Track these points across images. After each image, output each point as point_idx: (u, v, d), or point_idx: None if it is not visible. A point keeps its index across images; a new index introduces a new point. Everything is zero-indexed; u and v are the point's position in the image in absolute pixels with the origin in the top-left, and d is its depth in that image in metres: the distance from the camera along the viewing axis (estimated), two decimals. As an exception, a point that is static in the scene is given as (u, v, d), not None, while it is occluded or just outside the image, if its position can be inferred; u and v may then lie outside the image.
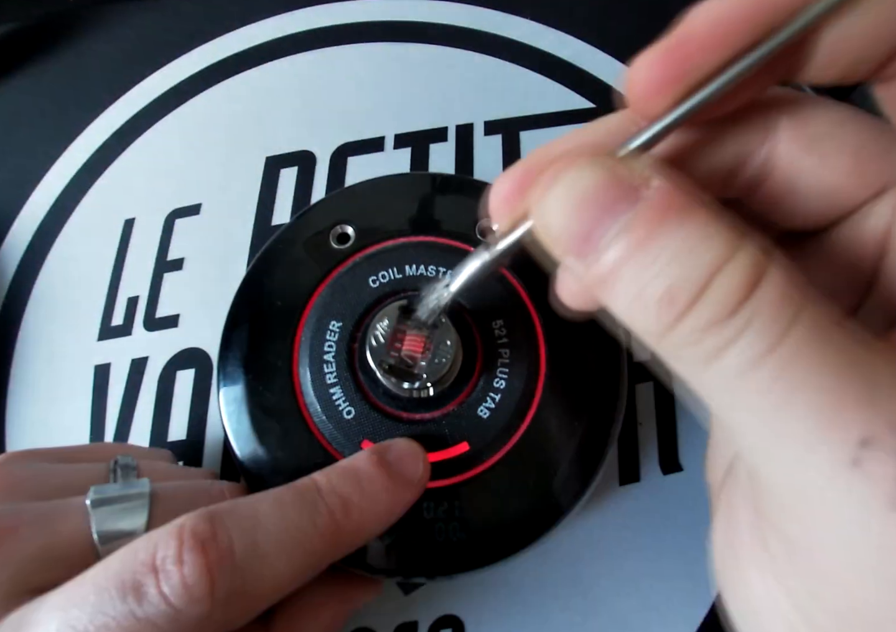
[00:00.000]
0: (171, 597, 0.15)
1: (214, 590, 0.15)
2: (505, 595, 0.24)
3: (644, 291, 0.11)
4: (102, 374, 0.29)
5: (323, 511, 0.17)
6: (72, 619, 0.15)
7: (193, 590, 0.15)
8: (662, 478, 0.26)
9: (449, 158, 0.32)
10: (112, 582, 0.15)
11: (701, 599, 0.24)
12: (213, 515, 0.16)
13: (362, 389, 0.22)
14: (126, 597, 0.15)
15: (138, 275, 0.31)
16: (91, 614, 0.14)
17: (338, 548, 0.18)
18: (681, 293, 0.11)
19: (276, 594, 0.17)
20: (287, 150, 0.33)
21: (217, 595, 0.15)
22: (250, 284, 0.25)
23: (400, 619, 0.24)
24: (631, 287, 0.12)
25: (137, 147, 0.34)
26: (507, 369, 0.22)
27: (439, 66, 0.35)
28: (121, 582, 0.15)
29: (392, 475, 0.19)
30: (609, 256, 0.12)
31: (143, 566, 0.15)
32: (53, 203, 0.33)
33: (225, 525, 0.16)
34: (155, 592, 0.15)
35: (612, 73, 0.34)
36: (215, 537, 0.16)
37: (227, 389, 0.23)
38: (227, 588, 0.15)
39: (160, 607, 0.15)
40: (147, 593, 0.15)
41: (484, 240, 0.16)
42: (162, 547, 0.15)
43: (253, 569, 0.16)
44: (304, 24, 0.37)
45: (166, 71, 0.36)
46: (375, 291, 0.23)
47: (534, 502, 0.21)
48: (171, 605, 0.15)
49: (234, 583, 0.15)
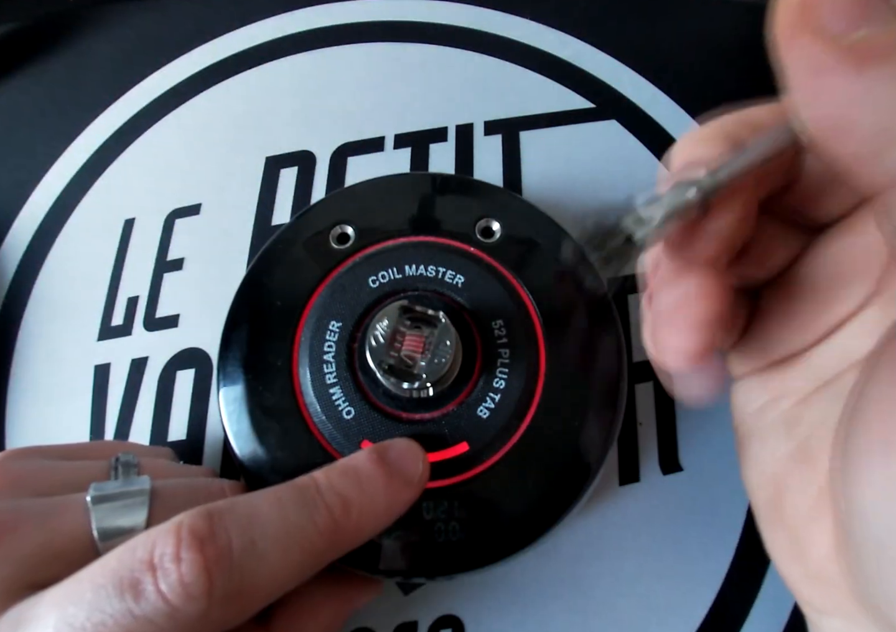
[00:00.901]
0: (168, 595, 0.15)
1: (212, 588, 0.15)
2: (505, 595, 0.24)
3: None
4: (102, 374, 0.29)
5: (322, 510, 0.17)
6: (69, 616, 0.14)
7: (191, 588, 0.15)
8: (662, 478, 0.26)
9: (449, 158, 0.32)
10: (109, 579, 0.15)
11: (701, 599, 0.24)
12: (212, 513, 0.16)
13: (362, 390, 0.22)
14: (124, 595, 0.15)
15: (138, 275, 0.31)
16: (88, 612, 0.14)
17: (337, 546, 0.18)
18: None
19: (274, 592, 0.17)
20: (287, 150, 0.33)
21: (215, 593, 0.15)
22: (250, 284, 0.25)
23: (400, 619, 0.24)
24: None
25: (137, 147, 0.34)
26: (507, 369, 0.22)
27: (439, 66, 0.35)
28: (118, 579, 0.15)
29: (392, 474, 0.19)
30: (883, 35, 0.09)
31: (140, 564, 0.15)
32: (53, 203, 0.33)
33: (223, 523, 0.16)
34: (153, 589, 0.15)
35: (612, 73, 0.34)
36: (213, 536, 0.16)
37: (227, 389, 0.23)
38: (225, 587, 0.15)
39: (158, 604, 0.15)
40: (145, 590, 0.15)
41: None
42: (160, 545, 0.15)
43: (251, 567, 0.16)
44: (304, 24, 0.37)
45: (166, 71, 0.36)
46: (375, 291, 0.23)
47: (533, 501, 0.21)
48: (169, 603, 0.15)
49: (231, 581, 0.15)
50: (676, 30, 0.36)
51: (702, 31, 0.36)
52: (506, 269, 0.24)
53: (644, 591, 0.24)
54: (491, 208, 0.25)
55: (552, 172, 0.32)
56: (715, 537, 0.25)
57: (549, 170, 0.32)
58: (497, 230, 0.25)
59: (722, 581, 0.24)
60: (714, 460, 0.26)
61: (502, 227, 0.25)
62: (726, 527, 0.25)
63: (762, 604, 0.24)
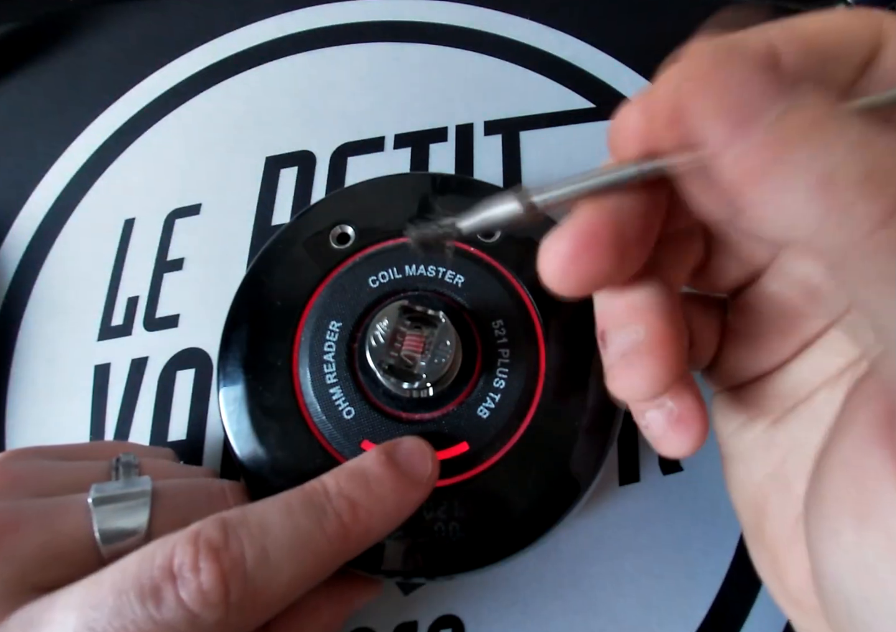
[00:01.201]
0: (188, 603, 0.15)
1: (228, 596, 0.16)
2: (505, 595, 0.24)
3: (835, 174, 0.09)
4: (102, 374, 0.29)
5: (331, 516, 0.18)
6: (90, 621, 0.15)
7: (209, 596, 0.15)
8: (662, 478, 0.26)
9: (449, 158, 0.32)
10: (131, 585, 0.15)
11: (701, 599, 0.24)
12: (226, 523, 0.17)
13: (362, 390, 0.22)
14: (146, 601, 0.15)
15: (138, 275, 0.31)
16: (109, 617, 0.15)
17: (347, 550, 0.18)
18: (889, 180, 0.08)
19: (287, 597, 0.17)
20: (287, 150, 0.33)
21: (231, 601, 0.16)
22: (250, 284, 0.25)
23: (400, 619, 0.24)
24: (808, 172, 0.09)
25: (137, 147, 0.34)
26: (507, 369, 0.22)
27: (439, 66, 0.35)
28: (139, 586, 0.15)
29: (401, 475, 0.19)
30: (777, 132, 0.09)
31: (161, 572, 0.15)
32: (53, 203, 0.33)
33: (236, 533, 0.16)
34: (173, 597, 0.15)
35: (612, 73, 0.34)
36: (227, 546, 0.16)
37: (227, 389, 0.23)
38: (240, 594, 0.16)
39: (179, 612, 0.15)
40: (165, 598, 0.15)
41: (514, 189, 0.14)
42: (179, 554, 0.16)
43: (263, 575, 0.16)
44: (304, 24, 0.37)
45: (166, 71, 0.36)
46: (375, 291, 0.23)
47: (533, 501, 0.21)
48: (189, 610, 0.15)
49: (246, 589, 0.16)
50: (676, 30, 0.35)
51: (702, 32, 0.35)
52: (506, 269, 0.24)
53: (644, 591, 0.24)
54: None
55: (552, 172, 0.32)
56: (715, 537, 0.25)
57: (549, 170, 0.32)
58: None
59: (722, 581, 0.24)
60: (714, 460, 0.26)
61: (502, 227, 0.25)
62: (726, 527, 0.25)
63: (762, 604, 0.24)
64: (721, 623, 0.24)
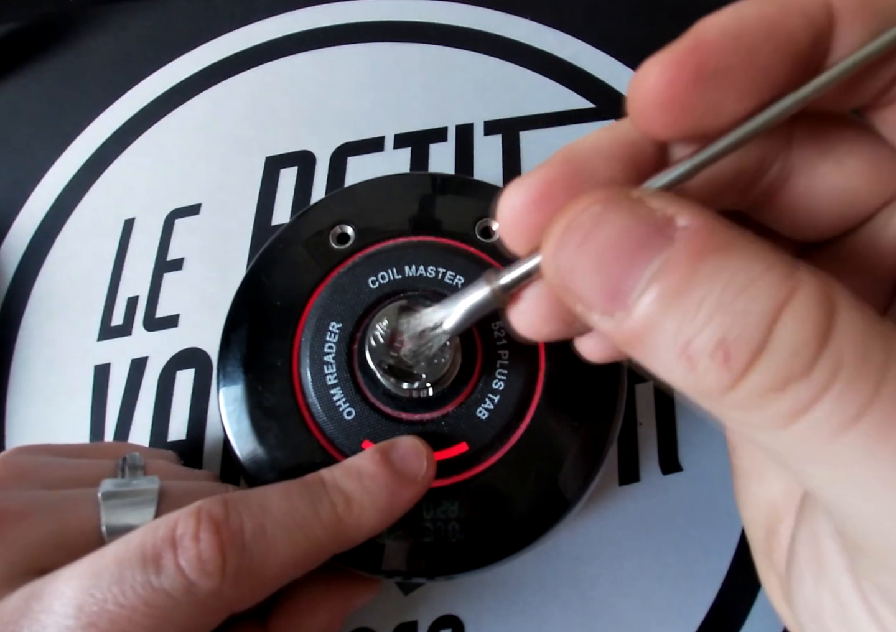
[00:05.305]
0: (186, 570, 0.16)
1: (225, 566, 0.16)
2: (505, 595, 0.24)
3: (690, 346, 0.10)
4: (102, 374, 0.29)
5: (326, 504, 0.18)
6: (90, 587, 0.15)
7: (207, 565, 0.16)
8: (662, 478, 0.26)
9: (449, 158, 0.32)
10: (133, 553, 0.16)
11: (701, 599, 0.24)
12: (228, 500, 0.18)
13: (362, 390, 0.22)
14: (146, 567, 0.16)
15: (138, 275, 0.31)
16: (110, 582, 0.15)
17: (339, 539, 0.18)
18: (738, 347, 0.09)
19: (280, 576, 0.18)
20: (287, 150, 0.33)
21: (228, 571, 0.16)
22: (250, 284, 0.25)
23: (399, 619, 0.24)
24: (672, 343, 0.10)
25: (137, 147, 0.34)
26: (507, 370, 0.22)
27: (439, 66, 0.35)
28: (142, 553, 0.16)
29: (394, 473, 0.19)
30: (643, 308, 0.10)
31: (163, 541, 0.16)
32: (53, 203, 0.33)
33: (237, 509, 0.17)
34: (172, 564, 0.16)
35: (612, 73, 0.34)
36: (228, 519, 0.17)
37: (227, 389, 0.23)
38: (237, 565, 0.16)
39: (176, 578, 0.16)
40: (165, 565, 0.16)
41: (486, 271, 0.15)
42: (181, 525, 0.17)
43: (260, 549, 0.17)
44: (304, 24, 0.37)
45: (166, 71, 0.36)
46: (375, 291, 0.23)
47: (533, 502, 0.21)
48: (187, 577, 0.16)
49: (242, 561, 0.17)
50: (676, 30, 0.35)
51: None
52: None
53: (644, 591, 0.24)
54: (491, 208, 0.25)
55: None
56: (715, 537, 0.25)
57: (549, 170, 0.32)
58: (497, 230, 0.25)
59: (722, 581, 0.24)
60: (714, 460, 0.26)
61: (502, 227, 0.25)
62: (726, 527, 0.25)
63: (762, 604, 0.24)
64: (721, 623, 0.24)
